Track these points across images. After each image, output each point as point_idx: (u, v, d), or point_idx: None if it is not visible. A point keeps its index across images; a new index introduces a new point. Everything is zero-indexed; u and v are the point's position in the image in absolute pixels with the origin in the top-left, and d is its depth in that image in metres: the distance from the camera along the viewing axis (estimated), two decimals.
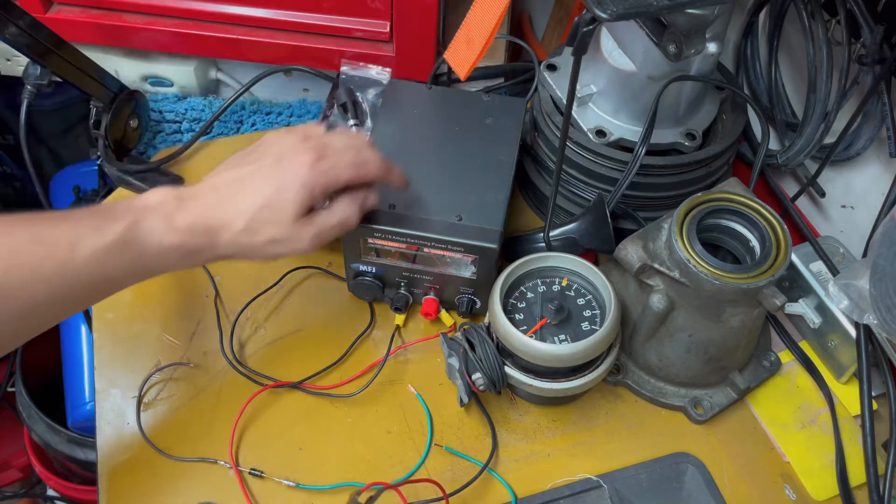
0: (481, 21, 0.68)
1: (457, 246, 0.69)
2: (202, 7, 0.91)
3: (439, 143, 0.77)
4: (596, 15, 0.50)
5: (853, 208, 0.83)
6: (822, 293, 0.74)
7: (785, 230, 0.66)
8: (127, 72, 0.97)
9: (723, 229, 0.69)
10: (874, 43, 0.71)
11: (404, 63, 0.91)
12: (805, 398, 0.74)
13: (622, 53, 0.71)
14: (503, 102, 0.81)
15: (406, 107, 0.81)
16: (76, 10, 0.92)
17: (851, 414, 0.73)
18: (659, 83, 0.70)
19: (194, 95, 0.99)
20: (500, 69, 0.97)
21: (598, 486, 0.67)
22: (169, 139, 0.97)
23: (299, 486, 0.66)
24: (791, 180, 0.91)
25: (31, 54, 0.76)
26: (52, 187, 1.07)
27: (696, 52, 0.67)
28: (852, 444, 0.71)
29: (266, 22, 0.91)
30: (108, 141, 0.86)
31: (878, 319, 0.60)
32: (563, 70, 0.79)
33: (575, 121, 0.76)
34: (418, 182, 0.72)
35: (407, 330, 0.77)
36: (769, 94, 0.88)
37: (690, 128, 0.75)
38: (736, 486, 0.69)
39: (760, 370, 0.74)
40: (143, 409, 0.71)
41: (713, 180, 0.79)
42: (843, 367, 0.74)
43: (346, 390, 0.72)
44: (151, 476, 0.67)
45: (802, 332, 0.78)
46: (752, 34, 0.88)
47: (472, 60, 0.71)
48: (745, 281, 0.63)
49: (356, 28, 0.90)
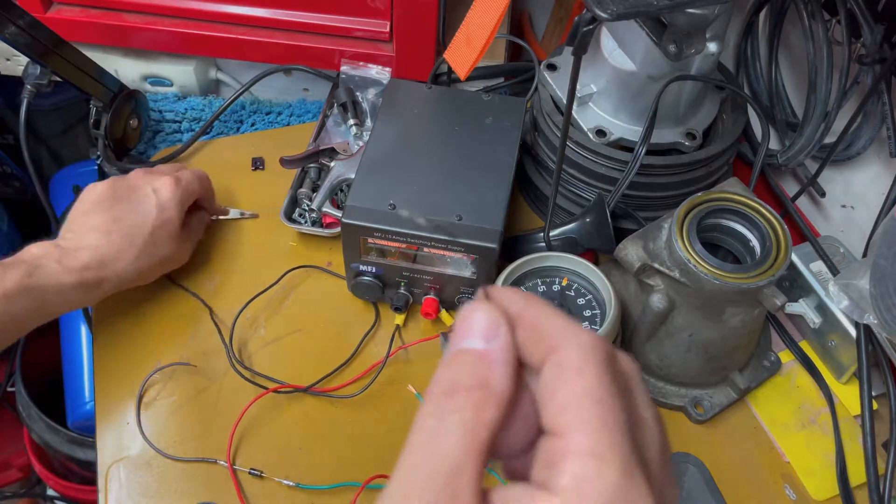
0: (481, 21, 0.68)
1: (457, 246, 0.69)
2: (202, 7, 0.91)
3: (439, 142, 0.77)
4: (596, 14, 0.50)
5: (853, 208, 0.83)
6: (822, 293, 0.74)
7: (785, 230, 0.66)
8: (127, 71, 0.97)
9: (723, 229, 0.69)
10: (874, 42, 0.71)
11: (404, 63, 0.91)
12: (805, 398, 0.74)
13: (622, 53, 0.71)
14: (503, 102, 0.81)
15: (406, 106, 0.81)
16: (76, 10, 0.92)
17: (851, 414, 0.73)
18: (659, 83, 0.70)
19: (194, 95, 0.99)
20: (501, 69, 0.97)
21: None
22: (169, 139, 0.97)
23: (299, 486, 0.66)
24: (791, 180, 0.91)
25: (31, 54, 0.76)
26: (51, 187, 1.07)
27: (697, 51, 0.67)
28: (852, 443, 0.70)
29: (266, 21, 0.91)
30: (108, 140, 0.86)
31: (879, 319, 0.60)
32: (564, 70, 0.79)
33: (575, 120, 0.76)
34: (418, 182, 0.72)
35: (407, 330, 0.77)
36: (769, 93, 0.88)
37: (691, 127, 0.75)
38: (736, 485, 0.68)
39: (760, 370, 0.74)
40: (142, 408, 0.71)
41: (713, 180, 0.79)
42: (843, 366, 0.74)
43: (346, 391, 0.72)
44: (151, 476, 0.67)
45: (802, 331, 0.78)
46: (753, 34, 0.88)
47: (472, 60, 0.71)
48: (745, 281, 0.63)
49: (356, 28, 0.90)
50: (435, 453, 0.24)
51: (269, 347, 0.76)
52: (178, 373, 0.74)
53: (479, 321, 0.27)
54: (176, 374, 0.73)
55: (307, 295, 0.80)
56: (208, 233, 0.83)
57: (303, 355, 0.75)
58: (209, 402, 0.72)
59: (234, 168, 0.90)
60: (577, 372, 0.25)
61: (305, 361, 0.74)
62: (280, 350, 0.76)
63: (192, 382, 0.73)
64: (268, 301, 0.79)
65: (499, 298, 0.27)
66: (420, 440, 0.25)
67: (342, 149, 0.85)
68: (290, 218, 0.83)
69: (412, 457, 0.25)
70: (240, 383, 0.72)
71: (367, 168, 0.74)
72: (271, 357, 0.75)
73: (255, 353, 0.75)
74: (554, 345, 0.26)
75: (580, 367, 0.25)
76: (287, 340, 0.76)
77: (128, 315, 0.77)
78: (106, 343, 0.76)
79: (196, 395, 0.72)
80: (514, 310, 0.27)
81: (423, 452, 0.24)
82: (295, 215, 0.84)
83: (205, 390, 0.73)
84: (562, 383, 0.25)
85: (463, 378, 0.25)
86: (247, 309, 0.77)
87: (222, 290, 0.80)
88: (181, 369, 0.74)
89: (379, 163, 0.74)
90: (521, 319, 0.27)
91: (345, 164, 0.83)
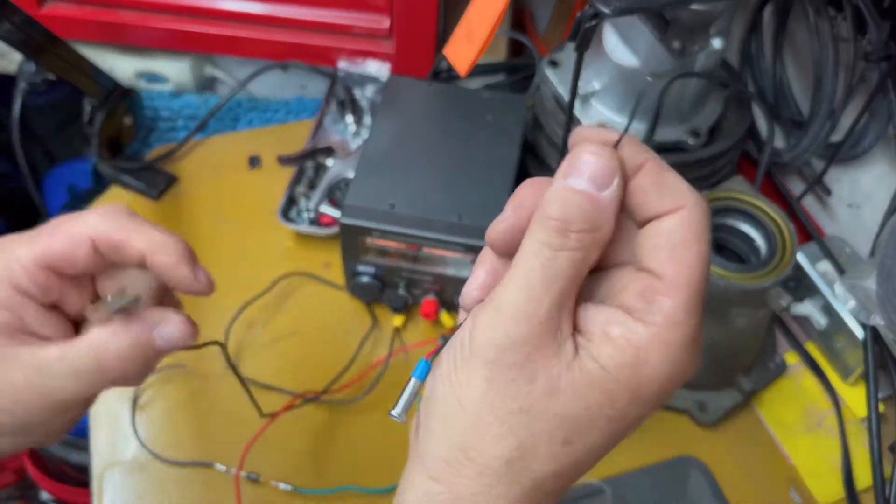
0: (482, 16, 0.67)
1: (457, 246, 0.68)
2: (197, 3, 0.90)
3: (439, 140, 0.76)
4: (599, 10, 0.49)
5: (860, 207, 0.82)
6: (828, 293, 0.73)
7: (791, 229, 0.65)
8: (121, 68, 0.96)
9: (728, 229, 0.68)
10: (880, 39, 0.70)
11: (404, 59, 0.90)
12: (811, 400, 0.74)
13: (625, 50, 0.70)
14: (504, 99, 0.81)
15: (405, 104, 0.80)
16: (70, 7, 0.91)
17: (858, 416, 0.72)
18: (662, 80, 0.69)
19: (190, 92, 0.98)
20: (502, 66, 0.96)
21: (600, 491, 0.66)
22: (164, 137, 0.96)
23: (297, 490, 0.66)
24: (797, 179, 0.90)
25: (25, 51, 0.75)
26: (45, 185, 1.06)
27: (700, 48, 0.66)
28: (859, 446, 0.70)
29: (263, 18, 0.90)
30: (103, 138, 0.85)
31: (885, 320, 0.59)
32: (566, 66, 0.78)
33: (577, 118, 0.75)
34: (418, 181, 0.71)
35: (406, 331, 0.76)
36: (774, 91, 0.87)
37: (695, 125, 0.74)
38: (741, 489, 0.68)
39: (766, 372, 0.73)
40: (137, 411, 0.70)
41: (718, 179, 0.78)
42: (849, 368, 0.73)
43: (346, 395, 0.71)
44: (146, 479, 0.67)
45: (808, 333, 0.77)
46: (757, 30, 0.87)
47: (473, 57, 0.70)
48: (750, 281, 0.62)
49: (355, 24, 0.89)
50: (550, 279, 0.30)
51: (266, 350, 0.75)
52: (173, 375, 0.72)
53: (599, 167, 0.31)
54: (171, 376, 0.72)
55: (303, 298, 0.79)
56: (208, 233, 0.82)
57: (299, 358, 0.74)
58: (205, 405, 0.71)
59: (231, 166, 0.89)
60: (699, 235, 0.30)
61: (302, 365, 0.73)
62: (276, 353, 0.75)
63: (187, 385, 0.72)
64: (264, 303, 0.78)
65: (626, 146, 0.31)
66: (536, 265, 0.30)
67: (340, 147, 0.84)
68: (288, 217, 0.82)
69: (532, 275, 0.30)
70: (236, 387, 0.71)
71: (366, 166, 0.73)
72: (268, 360, 0.74)
73: (252, 357, 0.74)
74: (680, 203, 0.30)
75: (701, 231, 0.30)
76: (283, 343, 0.75)
77: None
78: None
79: (191, 398, 0.71)
80: (638, 159, 0.31)
81: (542, 275, 0.30)
82: (292, 214, 0.83)
83: (200, 393, 0.72)
84: (683, 240, 0.30)
85: (576, 220, 0.30)
86: (244, 311, 0.76)
87: (218, 290, 0.78)
88: (176, 372, 0.73)
89: (378, 161, 0.73)
90: (647, 168, 0.31)
91: (343, 163, 0.82)
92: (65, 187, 1.03)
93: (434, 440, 0.33)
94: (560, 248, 0.30)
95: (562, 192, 0.31)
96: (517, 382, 0.30)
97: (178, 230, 0.85)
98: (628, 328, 0.30)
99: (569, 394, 0.30)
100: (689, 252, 0.30)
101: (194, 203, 0.87)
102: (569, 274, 0.30)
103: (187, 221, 0.85)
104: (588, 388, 0.30)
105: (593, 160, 0.31)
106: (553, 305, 0.30)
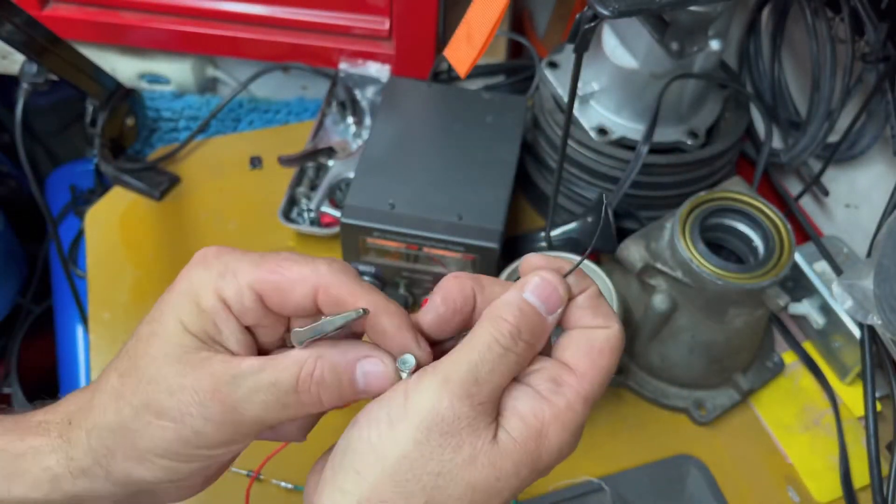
0: (482, 18, 0.67)
1: (457, 246, 0.68)
2: (199, 4, 0.90)
3: (439, 141, 0.77)
4: (598, 12, 0.49)
5: (857, 207, 0.83)
6: (825, 293, 0.73)
7: (789, 230, 0.65)
8: (123, 69, 0.96)
9: (726, 229, 0.68)
10: (878, 41, 0.70)
11: (404, 60, 0.91)
12: (808, 399, 0.74)
13: (624, 51, 0.70)
14: (504, 100, 0.81)
15: (405, 105, 0.80)
16: (72, 8, 0.91)
17: (855, 415, 0.73)
18: (661, 81, 0.69)
19: (191, 93, 0.98)
20: (501, 67, 0.96)
21: (599, 489, 0.66)
22: (166, 137, 0.96)
23: (297, 488, 0.66)
24: (794, 179, 0.90)
25: (27, 52, 0.76)
26: (47, 186, 1.06)
27: (699, 49, 0.66)
28: (856, 445, 0.70)
29: (264, 19, 0.91)
30: (105, 139, 0.86)
31: (882, 320, 0.59)
32: (565, 67, 0.78)
33: (576, 119, 0.75)
34: (418, 181, 0.72)
35: None
36: (772, 92, 0.87)
37: (693, 126, 0.75)
38: (739, 488, 0.68)
39: (764, 371, 0.74)
40: None
41: (716, 179, 0.79)
42: (846, 367, 0.73)
43: None
44: None
45: (806, 332, 0.77)
46: (755, 32, 0.87)
47: (473, 58, 0.70)
48: (748, 281, 0.63)
49: (355, 25, 0.90)
50: (496, 371, 0.34)
51: None
52: None
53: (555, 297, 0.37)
54: None
55: None
56: (209, 233, 0.82)
57: None
58: None
59: (232, 167, 0.89)
60: (614, 351, 0.37)
61: None
62: None
63: None
64: None
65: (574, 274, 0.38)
66: (487, 356, 0.34)
67: (341, 147, 0.85)
68: (289, 217, 0.83)
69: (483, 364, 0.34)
70: None
71: (367, 167, 0.73)
72: None
73: None
74: (609, 324, 0.37)
75: (617, 350, 0.37)
76: None
77: (124, 315, 0.77)
78: (102, 345, 0.75)
79: None
80: (582, 285, 0.38)
81: (491, 367, 0.34)
82: (293, 215, 0.84)
83: None
84: (601, 349, 0.36)
85: (525, 331, 0.35)
86: None
87: None
88: None
89: (378, 162, 0.74)
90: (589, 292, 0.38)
91: (343, 163, 0.83)
92: (67, 187, 1.04)
93: (346, 489, 0.34)
94: (508, 350, 0.35)
95: (520, 303, 0.36)
96: (443, 449, 0.33)
97: (180, 231, 0.85)
98: (535, 405, 0.35)
99: (486, 464, 0.33)
100: (602, 358, 0.36)
101: (196, 203, 0.87)
102: (510, 371, 0.35)
103: (189, 222, 0.86)
104: (501, 460, 0.34)
105: (550, 289, 0.36)
106: (493, 391, 0.34)
